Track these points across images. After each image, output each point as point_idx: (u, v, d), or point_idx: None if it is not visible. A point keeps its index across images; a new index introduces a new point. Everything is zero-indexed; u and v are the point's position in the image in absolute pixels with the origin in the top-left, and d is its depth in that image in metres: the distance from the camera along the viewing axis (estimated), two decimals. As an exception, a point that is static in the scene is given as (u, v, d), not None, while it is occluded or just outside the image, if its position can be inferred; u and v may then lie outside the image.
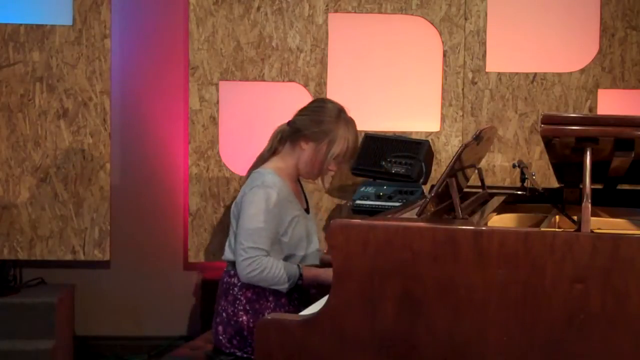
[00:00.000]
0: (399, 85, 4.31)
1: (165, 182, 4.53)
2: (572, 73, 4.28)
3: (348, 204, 4.00)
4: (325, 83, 4.25)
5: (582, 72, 4.28)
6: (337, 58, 4.28)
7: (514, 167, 3.31)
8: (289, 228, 2.98)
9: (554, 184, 3.55)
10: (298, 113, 3.12)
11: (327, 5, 4.24)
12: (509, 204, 3.25)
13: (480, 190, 3.26)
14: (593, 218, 2.45)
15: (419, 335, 2.25)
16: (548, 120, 2.33)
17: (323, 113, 3.05)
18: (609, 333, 2.17)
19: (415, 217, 2.48)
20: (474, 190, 3.26)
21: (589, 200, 2.23)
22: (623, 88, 4.27)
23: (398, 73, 4.31)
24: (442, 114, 4.28)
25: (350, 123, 3.08)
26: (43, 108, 4.21)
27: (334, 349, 2.30)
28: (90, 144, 4.24)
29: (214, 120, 4.25)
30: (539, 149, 4.24)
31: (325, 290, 2.83)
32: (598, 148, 2.33)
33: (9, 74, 4.19)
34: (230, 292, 2.98)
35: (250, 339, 2.92)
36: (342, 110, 3.08)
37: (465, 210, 2.57)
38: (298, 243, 3.02)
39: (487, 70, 4.27)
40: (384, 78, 4.31)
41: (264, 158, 3.12)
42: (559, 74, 4.28)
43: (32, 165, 4.22)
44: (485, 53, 4.27)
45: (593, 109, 4.27)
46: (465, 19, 4.26)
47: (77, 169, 4.24)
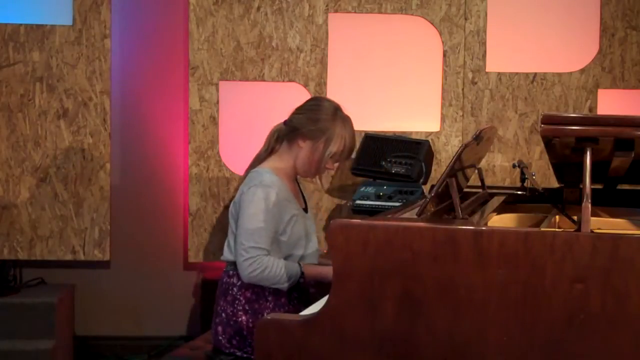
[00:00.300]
0: (399, 85, 4.31)
1: (165, 182, 4.53)
2: (572, 73, 4.28)
3: (348, 204, 4.00)
4: (325, 83, 4.25)
5: (582, 72, 4.28)
6: (337, 58, 4.28)
7: (514, 167, 3.30)
8: (288, 227, 2.97)
9: (554, 184, 3.55)
10: (294, 112, 3.11)
11: (327, 5, 4.24)
12: (509, 204, 3.25)
13: (480, 190, 3.26)
14: (593, 218, 2.45)
15: (419, 335, 2.25)
16: (548, 120, 2.33)
17: (319, 111, 3.04)
18: (609, 333, 2.17)
19: (415, 217, 2.48)
20: (474, 190, 3.26)
21: (589, 200, 2.23)
22: (623, 88, 4.27)
23: (398, 73, 4.31)
24: (442, 114, 4.28)
25: (347, 121, 3.06)
26: (43, 108, 4.21)
27: (334, 349, 2.30)
28: (90, 144, 4.24)
29: (214, 120, 4.25)
30: (539, 149, 4.24)
31: (325, 290, 2.83)
32: (598, 148, 2.33)
33: (9, 74, 4.19)
34: (230, 292, 2.98)
35: (250, 339, 2.92)
36: (338, 108, 3.07)
37: (465, 210, 2.57)
38: (297, 242, 3.01)
39: (487, 70, 4.27)
40: (384, 78, 4.31)
41: (261, 158, 3.11)
42: (559, 74, 4.28)
43: (32, 165, 4.22)
44: (485, 53, 4.27)
45: (593, 109, 4.27)
46: (465, 19, 4.26)
47: (77, 169, 4.24)
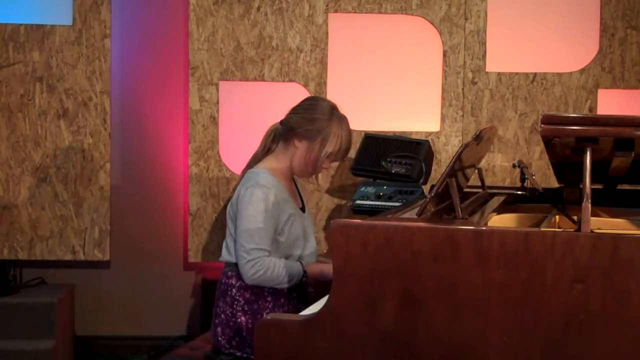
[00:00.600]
0: (399, 85, 4.31)
1: (165, 182, 4.53)
2: (572, 73, 4.28)
3: (348, 204, 4.00)
4: (325, 83, 4.24)
5: (582, 72, 4.28)
6: (337, 58, 4.28)
7: (514, 167, 3.30)
8: (285, 227, 2.96)
9: (554, 184, 3.55)
10: (291, 111, 3.09)
11: (327, 5, 4.24)
12: (509, 204, 3.25)
13: (480, 190, 3.26)
14: (593, 218, 2.45)
15: (419, 335, 2.25)
16: (548, 120, 2.33)
17: (315, 111, 3.02)
18: (609, 333, 2.17)
19: (415, 217, 2.48)
20: (474, 190, 3.26)
21: (589, 200, 2.22)
22: (623, 88, 4.27)
23: (398, 73, 4.31)
24: (442, 114, 4.28)
25: (343, 120, 3.05)
26: (43, 108, 4.21)
27: (334, 349, 2.30)
28: (90, 144, 4.24)
29: (214, 120, 4.25)
30: (539, 149, 4.24)
31: (325, 290, 2.83)
32: (598, 148, 2.33)
33: (9, 74, 4.19)
34: (229, 293, 2.97)
35: (249, 340, 2.91)
36: (334, 108, 3.05)
37: (465, 210, 2.57)
38: (294, 242, 3.00)
39: (487, 70, 4.27)
40: (384, 78, 4.31)
41: (258, 158, 3.10)
42: (559, 74, 4.28)
43: (32, 165, 4.22)
44: (485, 53, 4.26)
45: (593, 109, 4.26)
46: (465, 19, 4.26)
47: (77, 169, 4.24)
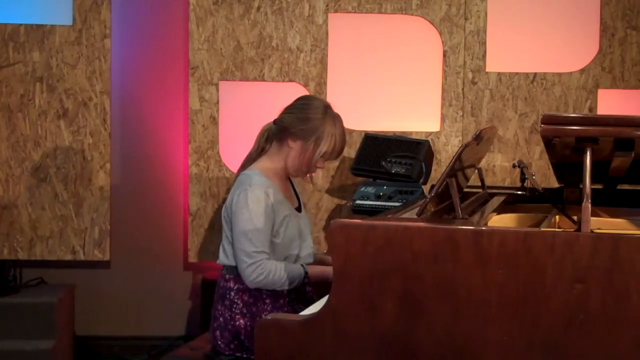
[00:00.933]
0: (399, 85, 4.31)
1: (165, 182, 4.53)
2: (572, 73, 4.28)
3: (348, 204, 3.99)
4: (325, 83, 4.24)
5: (582, 72, 4.28)
6: (337, 58, 4.28)
7: (514, 167, 3.30)
8: (281, 228, 2.93)
9: (554, 184, 3.55)
10: (284, 111, 3.06)
11: (327, 5, 4.24)
12: (509, 204, 3.25)
13: (480, 190, 3.26)
14: (593, 218, 2.45)
15: (419, 335, 2.25)
16: (548, 120, 2.33)
17: (309, 110, 2.99)
18: (609, 333, 2.17)
19: (415, 217, 2.48)
20: (474, 190, 3.26)
21: (589, 200, 2.22)
22: (623, 88, 4.27)
23: (398, 73, 4.31)
24: (442, 114, 4.28)
25: (337, 119, 3.01)
26: (43, 108, 4.21)
27: (334, 349, 2.30)
28: (90, 144, 4.24)
29: (214, 120, 4.25)
30: (539, 149, 4.24)
31: (324, 290, 2.83)
32: (598, 148, 2.33)
33: (9, 74, 4.19)
34: (227, 296, 2.95)
35: (248, 343, 2.89)
36: (328, 107, 3.02)
37: (465, 210, 2.57)
38: (290, 243, 2.98)
39: (487, 70, 4.27)
40: (384, 78, 4.31)
41: (252, 158, 3.07)
42: (559, 74, 4.28)
43: (32, 165, 4.22)
44: (485, 53, 4.26)
45: (593, 109, 4.26)
46: (465, 19, 4.26)
47: (77, 169, 4.24)
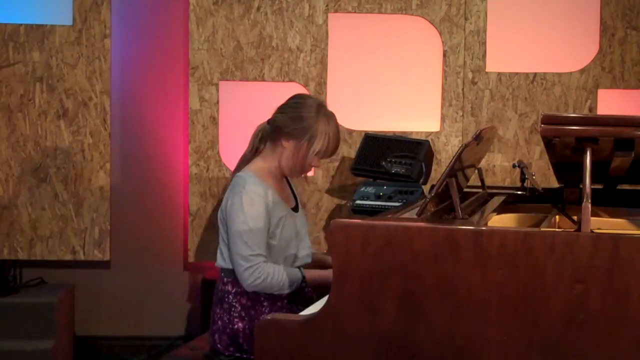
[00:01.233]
0: (399, 85, 4.31)
1: (165, 182, 4.52)
2: (572, 73, 4.28)
3: (348, 204, 3.99)
4: (325, 83, 4.24)
5: (582, 72, 4.28)
6: (337, 58, 4.28)
7: (514, 167, 3.30)
8: (277, 230, 2.91)
9: (554, 184, 3.55)
10: (277, 110, 3.03)
11: (327, 5, 4.24)
12: (509, 204, 3.25)
13: (480, 190, 3.26)
14: (593, 218, 2.45)
15: (419, 335, 2.25)
16: (548, 120, 2.33)
17: (302, 109, 2.96)
18: (609, 333, 2.17)
19: (415, 217, 2.48)
20: (474, 190, 3.26)
21: (589, 200, 2.22)
22: (623, 88, 4.27)
23: (398, 73, 4.31)
24: (442, 114, 4.28)
25: (331, 117, 2.98)
26: (43, 108, 4.21)
27: (334, 349, 2.30)
28: (90, 144, 4.24)
29: (214, 120, 4.25)
30: (539, 149, 4.24)
31: (323, 290, 2.83)
32: (598, 148, 2.33)
33: (9, 74, 4.19)
34: (225, 299, 2.93)
35: (247, 346, 2.88)
36: (321, 105, 2.99)
37: (465, 210, 2.57)
38: (287, 244, 2.96)
39: (487, 70, 4.27)
40: (384, 78, 4.31)
41: (247, 159, 3.04)
42: (559, 74, 4.28)
43: (32, 165, 4.22)
44: (485, 53, 4.27)
45: (593, 109, 4.26)
46: (465, 19, 4.26)
47: (77, 169, 4.24)
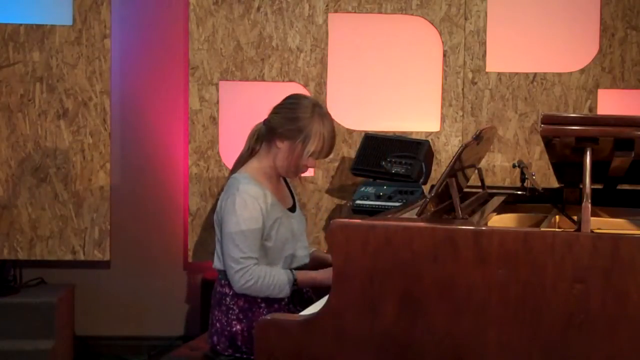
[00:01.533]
0: (399, 85, 4.31)
1: (165, 182, 4.52)
2: (572, 73, 4.28)
3: (348, 204, 3.99)
4: (325, 83, 4.24)
5: (582, 72, 4.27)
6: (337, 58, 4.28)
7: (514, 167, 3.30)
8: (272, 232, 2.91)
9: (554, 184, 3.55)
10: (273, 111, 3.02)
11: (327, 5, 4.24)
12: (509, 204, 3.25)
13: (480, 190, 3.26)
14: (593, 218, 2.45)
15: (419, 335, 2.25)
16: (548, 120, 2.33)
17: (296, 110, 2.95)
18: (609, 333, 2.17)
19: (415, 217, 2.48)
20: (474, 190, 3.26)
21: (589, 200, 2.22)
22: (623, 88, 4.27)
23: (398, 73, 4.31)
24: (442, 114, 4.28)
25: (326, 117, 2.97)
26: (43, 108, 4.21)
27: (334, 349, 2.30)
28: (90, 144, 4.24)
29: (214, 120, 4.25)
30: (539, 149, 4.24)
31: (321, 291, 2.83)
32: (598, 148, 2.33)
33: (9, 74, 4.19)
34: (223, 302, 2.93)
35: (245, 348, 2.88)
36: (316, 105, 2.98)
37: (465, 210, 2.57)
38: (283, 245, 2.95)
39: (487, 70, 4.27)
40: (384, 78, 4.31)
41: (243, 159, 3.04)
42: (559, 74, 4.28)
43: (32, 165, 4.22)
44: (485, 53, 4.26)
45: (593, 109, 4.26)
46: (465, 19, 4.26)
47: (77, 169, 4.24)
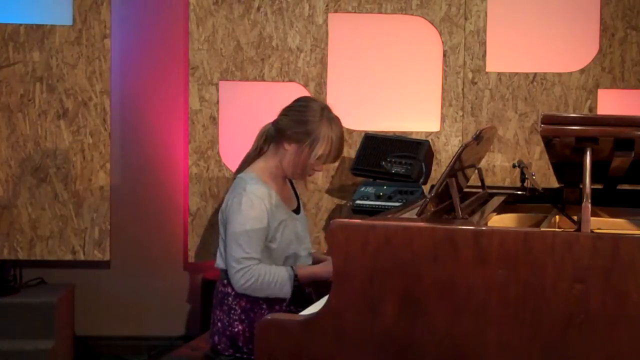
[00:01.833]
0: (399, 85, 4.31)
1: (165, 182, 4.53)
2: (572, 73, 4.28)
3: (348, 204, 3.99)
4: (325, 83, 4.24)
5: (582, 72, 4.27)
6: (337, 58, 4.28)
7: (514, 167, 3.30)
8: (277, 234, 2.92)
9: (554, 184, 3.55)
10: (282, 113, 3.03)
11: (327, 5, 4.24)
12: (509, 204, 3.25)
13: (480, 190, 3.26)
14: (593, 218, 2.45)
15: (419, 335, 2.25)
16: (548, 120, 2.33)
17: (305, 113, 2.95)
18: (609, 333, 2.17)
19: (415, 217, 2.48)
20: (474, 190, 3.26)
21: (589, 200, 2.22)
22: (623, 88, 4.27)
23: (398, 73, 4.31)
24: (442, 114, 4.28)
25: (334, 122, 2.97)
26: (43, 108, 4.21)
27: (334, 349, 2.30)
28: (90, 144, 4.24)
29: (214, 120, 4.25)
30: (539, 149, 4.24)
31: (322, 289, 2.83)
32: (598, 148, 2.33)
33: (9, 74, 4.19)
34: (225, 301, 2.94)
35: (246, 349, 2.88)
36: (325, 109, 2.98)
37: (465, 210, 2.57)
38: (287, 247, 2.96)
39: (487, 70, 4.27)
40: (384, 78, 4.31)
41: (250, 159, 3.05)
42: (559, 74, 4.28)
43: (32, 165, 4.22)
44: (485, 53, 4.26)
45: (593, 109, 4.26)
46: (465, 19, 4.26)
47: (77, 169, 4.24)
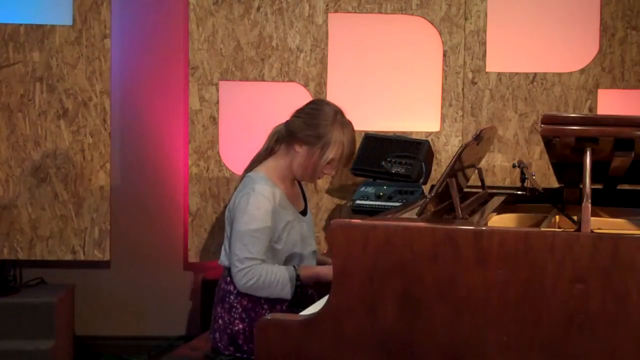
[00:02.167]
0: (399, 85, 4.31)
1: (165, 182, 4.53)
2: (572, 73, 4.28)
3: (348, 204, 4.00)
4: (325, 83, 4.24)
5: (582, 72, 4.28)
6: (337, 58, 4.28)
7: (514, 167, 3.30)
8: (283, 234, 2.92)
9: (554, 184, 3.55)
10: (295, 114, 3.03)
11: (327, 5, 4.24)
12: (509, 204, 3.25)
13: (480, 190, 3.26)
14: (593, 218, 2.45)
15: (419, 335, 2.25)
16: (548, 120, 2.33)
17: (318, 116, 2.95)
18: (609, 333, 2.17)
19: (415, 217, 2.48)
20: (474, 190, 3.26)
21: (589, 200, 2.22)
22: (623, 88, 4.27)
23: (398, 73, 4.31)
24: (442, 114, 4.28)
25: (347, 126, 2.96)
26: (43, 108, 4.21)
27: (334, 349, 2.30)
28: (90, 144, 4.24)
29: (214, 120, 4.25)
30: (539, 149, 4.24)
31: (324, 290, 2.82)
32: (598, 148, 2.33)
33: (9, 74, 4.20)
34: (227, 299, 2.93)
35: (246, 347, 2.88)
36: (338, 113, 2.97)
37: (465, 210, 2.57)
38: (292, 248, 2.96)
39: (487, 70, 4.27)
40: (384, 78, 4.31)
41: (260, 158, 3.05)
42: (559, 74, 4.28)
43: (32, 165, 4.22)
44: (485, 53, 4.27)
45: (593, 109, 4.26)
46: (465, 19, 4.26)
47: (77, 169, 4.24)
